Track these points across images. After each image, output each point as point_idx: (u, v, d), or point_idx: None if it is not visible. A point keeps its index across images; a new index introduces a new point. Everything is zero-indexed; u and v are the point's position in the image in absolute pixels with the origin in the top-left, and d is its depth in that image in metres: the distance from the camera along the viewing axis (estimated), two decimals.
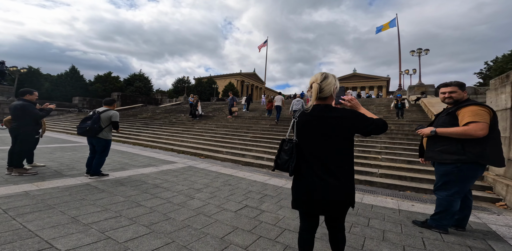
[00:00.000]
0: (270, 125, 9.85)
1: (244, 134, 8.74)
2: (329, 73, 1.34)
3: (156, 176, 4.18)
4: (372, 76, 59.10)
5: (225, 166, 5.57)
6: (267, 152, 6.57)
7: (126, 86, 34.70)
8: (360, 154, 5.71)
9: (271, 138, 7.87)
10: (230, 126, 10.28)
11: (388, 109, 12.91)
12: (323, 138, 1.26)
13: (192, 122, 11.88)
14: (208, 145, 7.65)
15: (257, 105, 20.49)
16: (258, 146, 7.22)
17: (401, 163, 4.91)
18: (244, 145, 7.42)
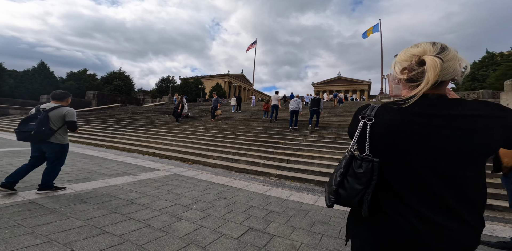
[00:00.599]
0: (262, 127, 9.31)
1: (236, 136, 8.10)
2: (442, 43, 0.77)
3: (131, 188, 3.41)
4: (355, 80, 61.48)
5: (216, 173, 4.90)
6: (262, 157, 5.99)
7: (103, 85, 32.40)
8: None
9: (265, 141, 7.32)
10: (220, 128, 9.57)
11: None
12: (442, 154, 0.68)
13: (177, 123, 10.98)
14: (196, 149, 6.90)
15: (246, 106, 19.92)
16: (252, 150, 6.62)
17: None
18: (236, 149, 6.78)
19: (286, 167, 5.27)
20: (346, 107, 15.87)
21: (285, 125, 9.25)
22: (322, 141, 6.95)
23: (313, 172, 4.93)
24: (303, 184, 4.55)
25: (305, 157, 5.86)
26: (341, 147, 6.23)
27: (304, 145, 6.73)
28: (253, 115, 13.33)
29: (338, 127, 8.35)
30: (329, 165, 5.16)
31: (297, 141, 7.28)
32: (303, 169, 5.07)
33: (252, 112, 15.50)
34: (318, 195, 3.75)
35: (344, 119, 10.92)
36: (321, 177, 4.70)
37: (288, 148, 6.59)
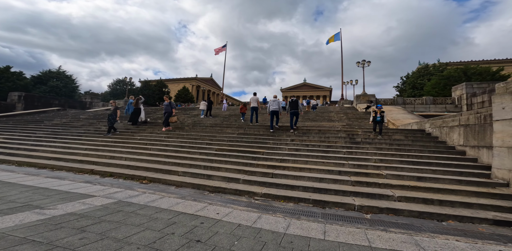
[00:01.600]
0: (238, 134, 8.35)
1: (207, 146, 6.95)
2: None
3: (26, 235, 2.06)
4: (318, 86, 66.34)
5: (183, 196, 3.74)
6: (242, 171, 5.02)
7: (35, 85, 27.03)
8: (358, 169, 4.85)
9: (243, 151, 6.37)
10: (187, 136, 8.25)
11: (348, 116, 13.48)
12: None
13: (132, 130, 9.18)
14: (156, 163, 5.53)
15: (217, 111, 18.72)
16: (228, 162, 5.59)
17: (410, 180, 4.23)
18: (208, 161, 5.66)
19: (272, 183, 4.40)
20: (318, 111, 16.11)
21: (263, 131, 8.49)
22: (306, 149, 6.35)
23: (305, 188, 4.17)
24: (297, 205, 3.73)
25: (291, 170, 5.11)
26: (328, 156, 5.70)
27: (287, 155, 6.00)
28: (226, 121, 12.27)
29: (319, 132, 7.96)
30: (322, 178, 4.49)
31: (279, 149, 6.53)
32: (293, 185, 4.28)
33: (224, 118, 14.41)
34: (323, 222, 2.95)
35: (319, 124, 10.77)
36: (317, 194, 3.96)
37: (270, 158, 5.76)
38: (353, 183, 4.25)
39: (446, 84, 21.33)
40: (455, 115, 5.88)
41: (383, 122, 7.46)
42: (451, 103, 17.78)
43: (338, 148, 6.33)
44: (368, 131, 7.85)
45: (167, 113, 9.16)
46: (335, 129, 8.31)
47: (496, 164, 3.85)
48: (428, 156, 5.28)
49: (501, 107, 3.76)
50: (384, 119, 7.52)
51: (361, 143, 6.64)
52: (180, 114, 16.23)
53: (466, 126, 5.30)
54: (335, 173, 4.76)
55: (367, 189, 3.94)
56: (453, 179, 3.97)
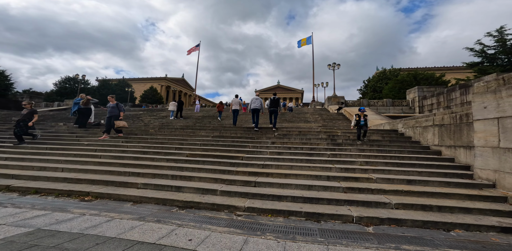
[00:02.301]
0: (213, 136, 7.52)
1: (176, 151, 5.99)
2: None
3: None
4: (291, 88, 68.78)
5: (142, 216, 2.86)
6: (219, 180, 4.28)
7: None
8: (346, 174, 4.52)
9: (219, 156, 5.61)
10: (152, 140, 7.12)
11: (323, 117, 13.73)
12: None
13: (78, 134, 7.61)
14: (107, 174, 4.43)
15: (189, 112, 17.41)
16: (202, 170, 4.78)
17: (400, 183, 4.01)
18: (177, 169, 4.76)
19: (256, 194, 3.76)
20: (294, 113, 16.12)
21: (240, 133, 7.82)
22: (288, 152, 5.88)
23: (294, 198, 3.63)
24: (287, 220, 3.14)
25: (276, 176, 4.54)
26: (313, 160, 5.30)
27: (270, 159, 5.44)
28: (199, 122, 11.26)
29: (300, 134, 7.62)
30: (311, 186, 4.01)
31: (259, 153, 5.93)
32: (280, 195, 3.70)
33: (197, 119, 13.32)
34: (324, 243, 2.41)
35: (297, 125, 10.58)
36: (308, 205, 3.44)
37: (251, 164, 5.12)
38: (345, 190, 3.86)
39: (400, 87, 23.55)
40: (428, 115, 6.05)
41: (367, 126, 6.73)
42: (406, 105, 19.53)
43: (322, 151, 6.01)
44: (348, 132, 7.79)
45: (112, 117, 7.22)
46: (315, 130, 8.09)
47: (479, 164, 3.86)
48: (409, 157, 5.25)
49: (483, 106, 3.79)
50: (368, 123, 6.84)
51: (343, 145, 6.45)
52: (146, 115, 14.58)
53: (441, 126, 5.45)
54: (323, 179, 4.34)
55: (361, 196, 3.57)
56: (442, 181, 3.86)
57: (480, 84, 3.92)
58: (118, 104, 7.52)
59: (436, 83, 22.69)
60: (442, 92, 15.61)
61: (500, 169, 3.47)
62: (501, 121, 3.47)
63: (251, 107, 8.24)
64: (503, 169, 3.41)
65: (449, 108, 14.77)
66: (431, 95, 16.65)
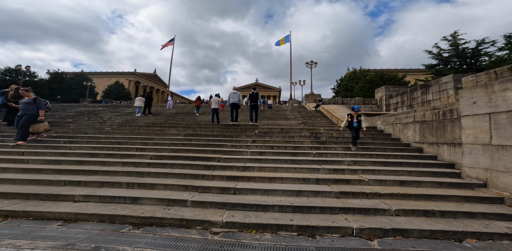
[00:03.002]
0: (185, 134, 6.59)
1: (137, 153, 4.99)
2: None
3: None
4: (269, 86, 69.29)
5: (70, 243, 1.97)
6: (190, 187, 3.51)
7: None
8: (335, 175, 4.10)
9: (192, 157, 4.79)
10: (105, 139, 5.93)
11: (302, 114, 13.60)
12: None
13: (4, 134, 6.02)
14: (32, 183, 3.32)
15: (161, 109, 15.87)
16: (169, 175, 3.94)
17: (393, 185, 3.70)
18: (136, 175, 3.84)
19: (236, 204, 3.09)
20: (274, 110, 15.75)
21: (217, 131, 7.02)
22: (271, 152, 5.30)
23: (282, 207, 3.04)
24: (276, 237, 2.53)
25: (259, 181, 3.91)
26: (298, 160, 4.80)
27: (251, 160, 4.79)
28: (170, 120, 10.09)
29: (282, 132, 7.12)
30: (300, 191, 3.46)
31: (239, 154, 5.25)
32: (265, 204, 3.09)
33: (168, 116, 12.05)
34: None
35: (278, 122, 10.13)
36: (299, 215, 2.88)
37: (229, 167, 4.41)
38: (337, 195, 3.39)
39: (369, 87, 24.93)
40: (408, 112, 6.00)
41: (361, 128, 5.65)
42: (375, 103, 20.59)
43: (307, 150, 5.55)
44: (331, 129, 7.52)
45: (27, 117, 5.37)
46: (298, 128, 7.67)
47: (468, 162, 3.73)
48: (394, 155, 5.07)
49: (472, 102, 3.64)
50: (363, 124, 5.63)
51: (327, 143, 6.10)
52: (106, 112, 12.76)
53: (422, 122, 5.38)
54: (312, 182, 3.84)
55: (356, 202, 3.13)
56: (434, 182, 3.64)
57: (469, 78, 3.77)
58: (37, 99, 5.73)
59: (399, 83, 24.44)
60: (405, 92, 16.68)
61: (492, 167, 3.33)
62: (493, 117, 3.33)
63: (230, 102, 7.97)
64: (496, 168, 3.27)
65: (412, 107, 15.85)
66: (396, 94, 17.72)
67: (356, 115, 5.69)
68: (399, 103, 17.38)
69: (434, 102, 13.97)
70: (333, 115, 12.29)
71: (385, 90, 19.42)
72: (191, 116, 13.01)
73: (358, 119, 5.62)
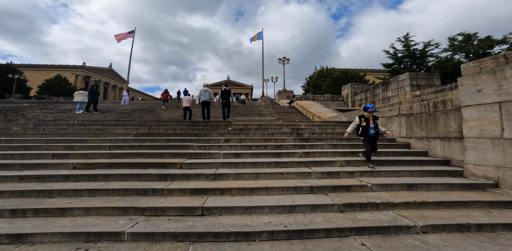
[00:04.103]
0: (136, 134, 5.15)
1: (55, 160, 3.51)
2: None
3: None
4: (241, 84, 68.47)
5: None
6: (131, 210, 2.35)
7: None
8: (330, 180, 3.34)
9: (142, 164, 3.51)
10: (6, 143, 4.14)
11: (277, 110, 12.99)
12: None
13: None
14: None
15: (111, 105, 13.45)
16: (100, 192, 2.68)
17: (401, 189, 3.09)
18: (39, 195, 2.47)
19: (204, 234, 2.06)
20: (247, 106, 14.82)
21: (181, 129, 5.74)
22: (250, 153, 4.31)
23: (273, 234, 2.11)
24: None
25: (236, 193, 2.90)
26: (283, 162, 3.92)
27: (224, 165, 3.73)
28: (123, 117, 8.26)
29: (259, 128, 6.19)
30: (293, 206, 2.58)
31: (208, 157, 4.13)
32: (249, 231, 2.12)
33: (121, 113, 10.07)
34: None
35: (252, 119, 9.23)
36: (298, 243, 1.99)
37: (195, 175, 3.29)
38: (341, 208, 2.59)
39: (336, 85, 26.11)
40: (392, 105, 5.68)
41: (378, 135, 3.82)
42: (342, 100, 21.39)
43: (290, 149, 4.73)
44: (312, 125, 6.87)
45: None
46: (276, 123, 6.84)
47: (472, 159, 3.34)
48: (385, 153, 4.59)
49: (475, 90, 3.25)
50: (381, 129, 3.84)
51: (312, 140, 5.38)
52: (34, 108, 10.10)
53: (409, 115, 5.06)
54: (305, 191, 2.99)
55: (368, 217, 2.37)
56: (444, 184, 3.15)
57: (470, 65, 3.38)
58: None
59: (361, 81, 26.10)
60: (368, 89, 17.54)
61: (505, 165, 2.95)
62: (505, 106, 2.95)
63: (201, 99, 7.85)
64: (510, 165, 2.88)
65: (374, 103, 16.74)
66: (361, 91, 18.59)
67: (371, 117, 3.79)
68: (363, 99, 18.21)
69: (393, 98, 14.84)
70: (308, 111, 12.02)
71: (351, 87, 20.23)
72: (151, 113, 11.19)
73: (375, 124, 3.79)
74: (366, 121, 3.77)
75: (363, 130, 3.77)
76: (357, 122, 3.87)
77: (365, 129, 3.74)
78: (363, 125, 3.76)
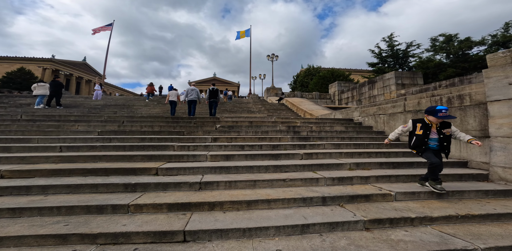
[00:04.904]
0: (100, 132, 4.26)
1: None
2: None
3: None
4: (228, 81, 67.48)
5: None
6: (75, 238, 1.56)
7: None
8: (343, 187, 2.79)
9: (103, 170, 2.70)
10: None
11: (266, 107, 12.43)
12: None
13: None
14: None
15: (82, 100, 12.07)
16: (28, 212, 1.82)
17: (429, 198, 2.61)
18: None
19: None
20: (234, 102, 14.11)
21: (160, 127, 4.91)
22: (243, 155, 3.63)
23: None
24: None
25: (229, 208, 2.25)
26: (284, 166, 3.31)
27: (212, 170, 3.03)
28: (92, 113, 7.18)
29: (251, 126, 5.54)
30: (306, 225, 1.97)
31: (192, 160, 3.40)
32: None
33: (90, 109, 8.91)
34: None
35: (242, 116, 8.53)
36: None
37: (175, 184, 2.57)
38: (367, 225, 2.04)
39: (322, 83, 26.31)
40: (396, 101, 5.31)
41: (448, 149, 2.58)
42: (329, 98, 21.42)
43: (289, 149, 4.14)
44: (307, 122, 6.34)
45: None
46: (270, 121, 6.22)
47: (501, 161, 2.96)
48: (395, 153, 4.16)
49: (507, 82, 2.88)
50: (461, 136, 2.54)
51: (311, 139, 4.84)
52: None
53: (417, 112, 4.69)
54: (316, 203, 2.40)
55: (407, 238, 1.84)
56: (478, 191, 2.71)
57: (499, 54, 3.00)
58: None
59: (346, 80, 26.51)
60: (355, 87, 17.64)
61: None
62: None
63: (188, 98, 7.92)
64: None
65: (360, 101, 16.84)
66: (347, 89, 18.68)
67: (436, 124, 2.55)
68: (349, 97, 18.30)
69: (378, 97, 14.98)
70: (299, 108, 11.61)
71: (338, 85, 20.29)
72: (128, 108, 10.09)
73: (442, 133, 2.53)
74: (425, 128, 2.54)
75: (417, 141, 2.58)
76: (409, 128, 2.69)
77: (421, 139, 2.54)
78: (418, 134, 2.57)
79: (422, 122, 2.61)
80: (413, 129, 2.67)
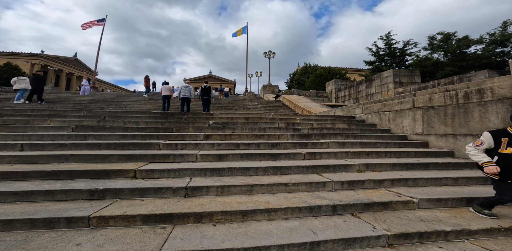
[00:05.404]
0: (75, 128, 3.77)
1: None
2: None
3: None
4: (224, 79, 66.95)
5: None
6: None
7: None
8: (354, 193, 2.40)
9: (69, 172, 2.25)
10: None
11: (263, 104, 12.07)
12: None
13: None
14: None
15: (68, 95, 11.43)
16: None
17: (458, 205, 2.25)
18: None
19: None
20: (230, 99, 13.68)
21: (146, 122, 4.44)
22: (238, 155, 3.20)
23: None
24: None
25: (221, 219, 1.80)
26: (284, 167, 2.89)
27: (202, 172, 2.59)
28: (77, 108, 6.63)
29: (247, 123, 5.10)
30: (316, 243, 1.53)
31: (180, 160, 2.95)
32: None
33: (75, 104, 8.35)
34: None
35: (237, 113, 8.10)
36: None
37: (155, 189, 2.11)
38: (391, 241, 1.65)
39: (319, 81, 26.10)
40: (404, 97, 4.95)
41: None
42: (326, 96, 21.14)
43: (290, 148, 3.73)
44: (307, 118, 5.94)
45: None
46: (267, 117, 5.80)
47: None
48: (406, 153, 3.79)
49: None
50: None
51: (312, 137, 4.44)
52: None
53: (428, 108, 4.34)
54: (325, 212, 2.00)
55: None
56: None
57: None
58: None
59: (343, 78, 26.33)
60: (352, 85, 17.38)
61: None
62: None
63: (181, 95, 7.88)
64: None
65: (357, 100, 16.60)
66: (344, 87, 18.42)
67: None
68: (346, 96, 18.04)
69: (376, 95, 14.73)
70: (296, 105, 11.26)
71: (335, 83, 20.01)
72: (116, 104, 9.53)
73: None
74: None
75: (504, 163, 1.79)
76: (489, 144, 1.87)
77: (507, 163, 1.78)
78: (506, 153, 1.78)
79: (506, 134, 1.79)
80: (495, 146, 1.83)
